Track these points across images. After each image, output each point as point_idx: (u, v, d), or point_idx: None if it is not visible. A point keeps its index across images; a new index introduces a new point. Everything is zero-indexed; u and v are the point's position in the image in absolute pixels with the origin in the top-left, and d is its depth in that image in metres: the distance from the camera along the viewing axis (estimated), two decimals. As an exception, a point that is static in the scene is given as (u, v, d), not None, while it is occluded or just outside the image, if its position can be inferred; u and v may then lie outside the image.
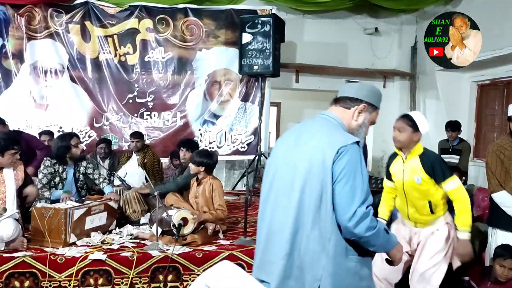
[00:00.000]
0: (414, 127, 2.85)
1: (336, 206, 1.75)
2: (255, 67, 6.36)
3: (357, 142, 1.80)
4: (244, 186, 4.74)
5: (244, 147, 6.86)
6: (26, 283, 3.05)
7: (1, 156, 3.38)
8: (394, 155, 3.06)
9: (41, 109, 6.38)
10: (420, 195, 2.88)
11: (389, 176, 3.09)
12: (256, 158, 6.58)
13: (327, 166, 1.76)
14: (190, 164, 3.82)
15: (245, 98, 6.85)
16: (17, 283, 3.04)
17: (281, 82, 7.18)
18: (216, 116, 6.81)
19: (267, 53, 6.28)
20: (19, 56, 6.33)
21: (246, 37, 6.36)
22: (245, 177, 5.15)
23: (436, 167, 2.81)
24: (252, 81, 6.84)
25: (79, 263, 3.12)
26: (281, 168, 1.93)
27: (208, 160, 3.80)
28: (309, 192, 1.79)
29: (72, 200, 3.74)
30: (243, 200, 5.21)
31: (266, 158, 6.79)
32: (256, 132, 6.78)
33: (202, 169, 3.77)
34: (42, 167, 4.04)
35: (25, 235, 3.43)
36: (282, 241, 1.84)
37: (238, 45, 6.51)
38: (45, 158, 4.09)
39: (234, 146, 6.85)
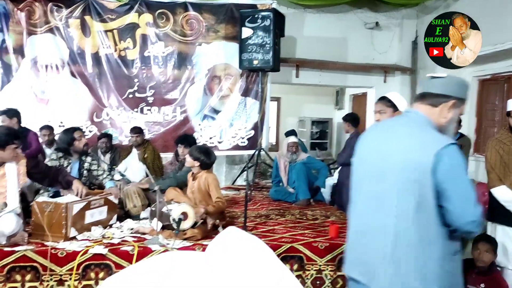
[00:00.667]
0: (394, 106, 2.99)
1: (453, 211, 1.72)
2: (255, 62, 6.36)
3: (454, 143, 1.76)
4: (244, 181, 4.75)
5: (244, 142, 6.87)
6: (27, 277, 3.07)
7: (2, 150, 3.39)
8: None
9: (42, 104, 6.39)
10: None
11: None
12: (256, 153, 6.59)
13: (425, 170, 1.71)
14: (187, 156, 3.83)
15: (245, 93, 6.85)
16: (18, 277, 3.06)
17: (281, 76, 7.18)
18: (216, 111, 6.82)
19: (267, 48, 6.28)
20: (19, 51, 6.33)
21: (246, 32, 6.36)
22: (245, 172, 5.17)
23: None
24: (252, 75, 6.84)
25: (80, 257, 3.13)
26: (372, 169, 1.90)
27: (206, 158, 3.80)
28: (406, 195, 1.76)
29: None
30: (243, 195, 5.23)
31: (266, 153, 6.81)
32: (256, 127, 6.79)
33: (197, 164, 3.79)
34: (47, 159, 4.09)
35: (26, 229, 3.45)
36: (381, 245, 1.82)
37: (238, 39, 6.50)
38: (51, 151, 4.13)
39: (234, 141, 6.86)
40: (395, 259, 1.78)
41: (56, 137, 5.40)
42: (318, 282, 3.44)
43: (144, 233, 3.67)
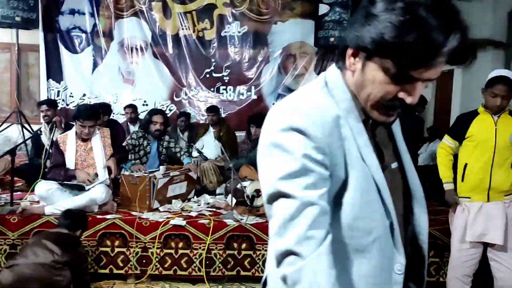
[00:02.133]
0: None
1: None
2: (332, 39, 6.25)
3: None
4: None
5: (319, 122, 6.81)
6: (116, 243, 3.38)
7: (74, 123, 3.73)
8: (472, 114, 2.81)
9: (127, 84, 6.83)
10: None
11: (460, 136, 2.85)
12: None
13: None
14: None
15: (320, 71, 6.75)
16: (108, 242, 3.38)
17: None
18: (291, 90, 6.80)
19: (345, 25, 6.12)
20: (108, 35, 6.80)
21: (323, 8, 6.25)
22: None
23: None
24: (328, 53, 6.73)
25: (161, 227, 3.38)
26: None
27: None
28: None
29: (141, 171, 3.99)
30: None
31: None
32: (331, 106, 6.70)
33: None
34: (128, 137, 4.41)
35: (115, 199, 3.78)
36: None
37: (314, 16, 6.40)
38: (133, 131, 4.44)
39: (308, 121, 6.83)
40: None
41: (141, 116, 5.80)
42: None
43: (219, 208, 3.85)
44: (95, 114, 3.77)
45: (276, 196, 0.88)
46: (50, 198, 3.45)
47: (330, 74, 1.01)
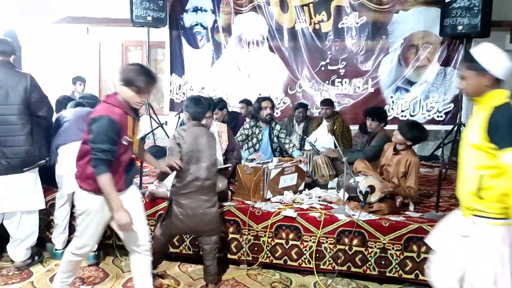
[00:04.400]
0: (478, 68, 2.11)
1: None
2: (460, 28, 5.74)
3: None
4: (439, 159, 4.41)
5: (441, 116, 6.34)
6: (230, 229, 3.53)
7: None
8: None
9: (243, 77, 7.07)
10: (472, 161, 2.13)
11: None
12: (455, 129, 6.01)
13: None
14: (396, 132, 3.68)
15: (445, 63, 6.29)
16: (223, 228, 3.55)
17: (490, 43, 6.26)
18: (411, 83, 6.45)
19: (475, 11, 5.57)
20: (227, 30, 7.10)
21: (450, -6, 5.75)
22: (440, 149, 4.79)
23: (500, 127, 2.00)
24: (455, 43, 6.21)
25: (273, 217, 3.44)
26: None
27: (419, 133, 3.64)
28: None
29: (260, 158, 4.11)
30: (436, 173, 4.88)
31: (467, 129, 6.13)
32: (457, 100, 6.19)
33: (410, 143, 3.63)
34: (241, 128, 4.58)
35: (230, 188, 3.94)
36: None
37: (440, 4, 5.95)
38: (246, 120, 4.60)
39: (429, 115, 6.40)
40: None
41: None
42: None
43: (331, 202, 3.79)
44: (211, 105, 3.95)
45: None
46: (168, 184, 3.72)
47: None
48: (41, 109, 3.33)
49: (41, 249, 3.70)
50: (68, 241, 3.47)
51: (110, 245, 3.67)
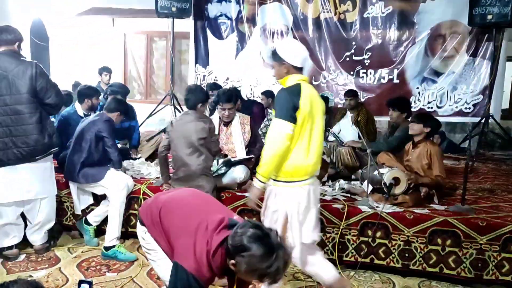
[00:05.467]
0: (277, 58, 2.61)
1: None
2: (489, 17, 5.58)
3: None
4: (466, 151, 4.34)
5: (469, 108, 6.20)
6: (254, 219, 3.56)
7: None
8: None
9: (267, 69, 7.05)
10: None
11: None
12: (483, 121, 5.88)
13: None
14: (412, 124, 3.65)
15: (474, 53, 6.13)
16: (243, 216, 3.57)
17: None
18: (438, 74, 6.31)
19: (506, 0, 5.40)
20: (252, 20, 7.09)
21: (480, -17, 5.60)
22: (467, 141, 4.71)
23: (276, 102, 2.64)
24: (484, 33, 6.04)
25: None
26: None
27: (433, 120, 3.60)
28: None
29: None
30: (463, 166, 4.80)
31: (496, 121, 6.01)
32: (485, 91, 6.03)
33: (427, 130, 3.58)
34: (265, 119, 4.59)
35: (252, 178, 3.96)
36: None
37: (470, -8, 5.79)
38: (268, 111, 4.60)
39: (457, 107, 6.27)
40: None
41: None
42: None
43: (354, 194, 3.78)
44: (232, 97, 3.97)
45: None
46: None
47: None
48: (49, 96, 3.27)
49: (56, 233, 3.86)
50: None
51: (135, 234, 3.75)
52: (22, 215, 3.48)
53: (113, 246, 3.47)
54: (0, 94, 3.18)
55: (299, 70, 2.64)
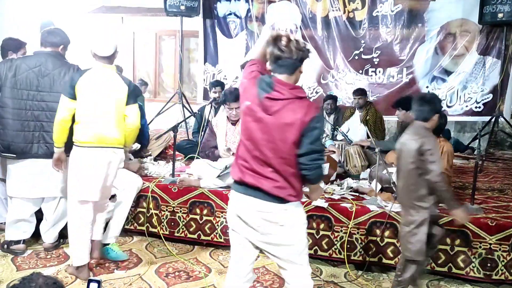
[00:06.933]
0: None
1: None
2: (500, 15, 5.54)
3: None
4: (476, 150, 4.31)
5: (479, 107, 6.15)
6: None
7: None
8: None
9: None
10: None
11: None
12: (493, 120, 5.83)
13: None
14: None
15: (484, 52, 6.08)
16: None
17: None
18: (448, 72, 6.27)
19: (518, -2, 5.36)
20: (261, 19, 7.09)
21: (491, -20, 5.55)
22: (477, 140, 4.67)
23: None
24: (495, 31, 5.99)
25: (304, 207, 3.44)
26: None
27: (443, 123, 3.58)
28: None
29: None
30: (472, 165, 4.76)
31: (507, 120, 5.96)
32: (496, 90, 5.99)
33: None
34: None
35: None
36: None
37: (481, -10, 5.74)
38: None
39: (467, 106, 6.22)
40: None
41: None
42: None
43: (363, 193, 3.77)
44: (239, 96, 3.97)
45: None
46: (202, 175, 3.80)
47: None
48: None
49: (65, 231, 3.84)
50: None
51: (143, 232, 3.78)
52: (36, 211, 3.52)
53: (108, 244, 3.46)
54: (41, 90, 3.33)
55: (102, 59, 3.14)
